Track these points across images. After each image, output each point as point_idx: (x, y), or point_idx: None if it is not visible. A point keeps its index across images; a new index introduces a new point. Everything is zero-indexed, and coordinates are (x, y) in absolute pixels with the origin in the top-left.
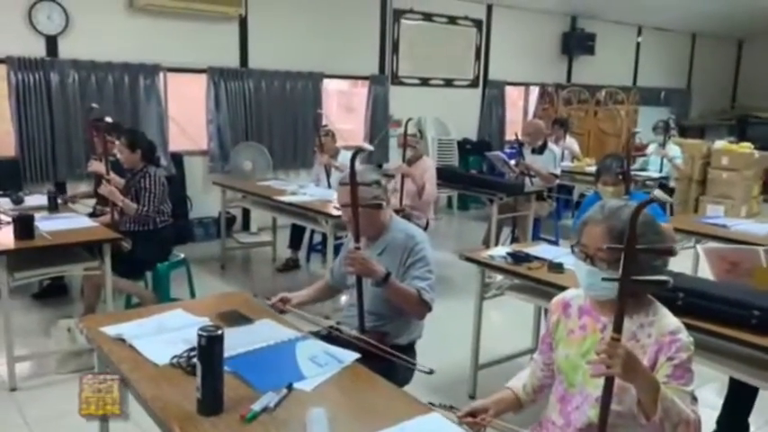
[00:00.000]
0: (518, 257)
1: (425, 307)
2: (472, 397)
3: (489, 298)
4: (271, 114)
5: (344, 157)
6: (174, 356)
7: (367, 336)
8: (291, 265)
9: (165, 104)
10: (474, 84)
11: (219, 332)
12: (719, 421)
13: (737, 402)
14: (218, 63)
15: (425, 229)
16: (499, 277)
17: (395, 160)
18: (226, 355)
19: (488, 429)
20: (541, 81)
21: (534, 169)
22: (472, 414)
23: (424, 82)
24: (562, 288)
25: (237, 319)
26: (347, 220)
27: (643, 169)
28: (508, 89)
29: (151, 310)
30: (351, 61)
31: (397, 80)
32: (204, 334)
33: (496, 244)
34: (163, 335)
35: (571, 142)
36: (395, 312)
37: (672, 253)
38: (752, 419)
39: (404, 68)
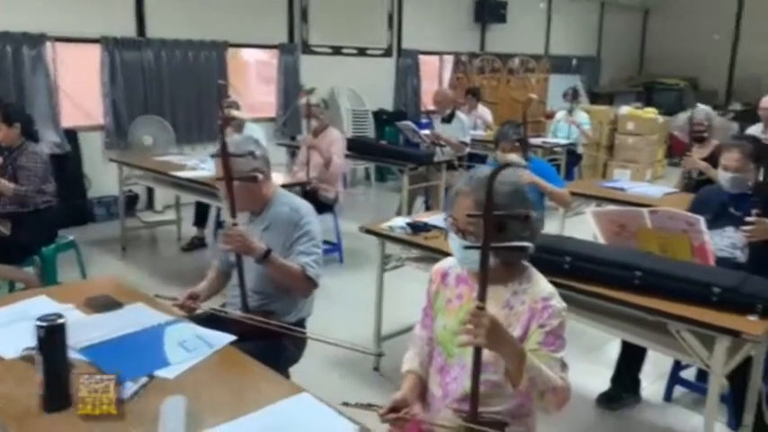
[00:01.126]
0: (416, 227)
1: (311, 283)
2: (376, 369)
3: (390, 270)
4: (172, 86)
5: (251, 131)
6: (26, 348)
7: (252, 316)
8: (197, 244)
9: (55, 77)
10: (388, 53)
11: (61, 321)
12: (613, 379)
13: (629, 360)
14: (112, 32)
15: (335, 202)
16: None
17: None
18: (86, 343)
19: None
20: (455, 50)
21: (444, 138)
22: (395, 410)
23: (337, 51)
24: None
25: (106, 304)
26: (224, 195)
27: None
28: (423, 58)
29: (13, 297)
30: (258, 29)
31: (308, 49)
32: (44, 324)
33: (409, 213)
34: (18, 324)
35: (483, 111)
36: (280, 290)
37: (527, 219)
38: (643, 375)
39: (314, 37)
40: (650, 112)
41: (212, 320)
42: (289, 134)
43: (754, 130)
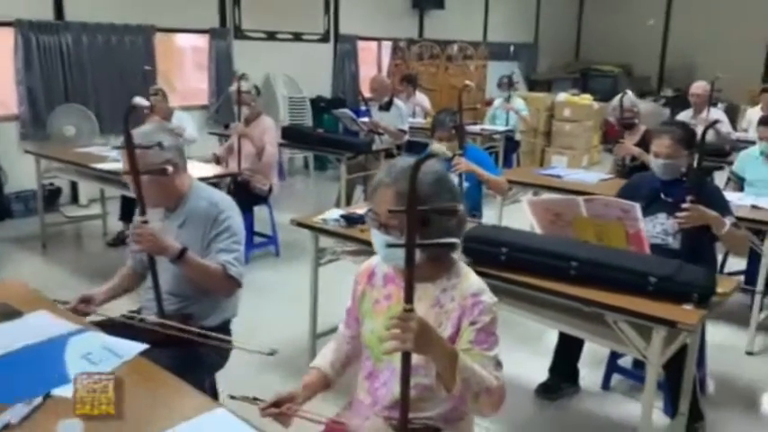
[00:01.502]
0: (351, 219)
1: (233, 283)
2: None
3: (325, 264)
4: (96, 73)
5: (179, 119)
6: None
7: (169, 321)
8: (123, 239)
9: None
10: (325, 38)
11: None
12: (552, 369)
13: (567, 350)
14: (27, 15)
15: (269, 193)
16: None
17: None
18: None
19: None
20: (394, 36)
21: (382, 126)
22: (276, 404)
23: (271, 36)
24: None
25: (4, 313)
26: (133, 190)
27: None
28: (361, 44)
29: None
30: (188, 13)
31: (240, 34)
32: None
33: (348, 204)
34: None
35: (422, 98)
36: (199, 291)
37: (455, 212)
38: (581, 363)
39: (248, 21)
40: (586, 99)
41: (126, 328)
42: (222, 122)
43: (684, 115)
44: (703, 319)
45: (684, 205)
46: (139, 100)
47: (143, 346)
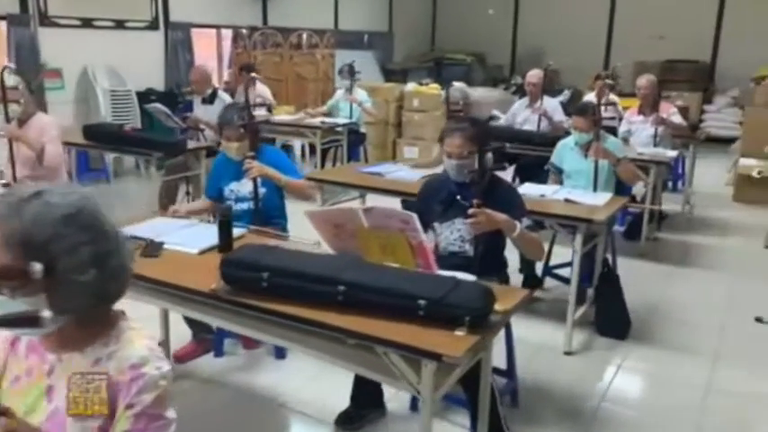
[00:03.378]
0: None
1: None
2: None
3: None
4: None
5: None
6: None
7: None
8: None
9: None
10: (153, 25)
11: None
12: (353, 396)
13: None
14: None
15: None
16: None
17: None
18: None
19: None
20: (235, 23)
21: (204, 122)
22: None
23: (87, 23)
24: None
25: None
26: None
27: (329, 115)
28: (201, 32)
29: None
30: None
31: (47, 20)
32: None
33: (165, 209)
34: None
35: (262, 89)
36: None
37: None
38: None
39: (56, 7)
40: (434, 89)
41: None
42: None
43: (520, 104)
44: (480, 346)
45: (471, 210)
46: None
47: None
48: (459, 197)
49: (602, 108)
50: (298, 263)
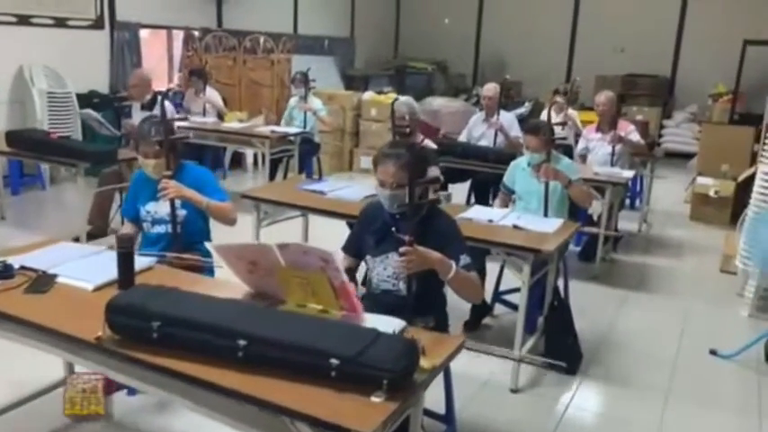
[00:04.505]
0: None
1: None
2: None
3: None
4: None
5: None
6: None
7: None
8: None
9: None
10: (98, 24)
11: None
12: None
13: None
14: None
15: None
16: None
17: None
18: None
19: None
20: (187, 25)
21: None
22: None
23: (24, 20)
24: None
25: None
26: None
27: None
28: (148, 33)
29: None
30: None
31: None
32: None
33: (95, 223)
34: None
35: (212, 94)
36: None
37: None
38: None
39: None
40: (392, 97)
41: None
42: None
43: (476, 118)
44: (397, 415)
45: (401, 249)
46: None
47: None
48: (394, 229)
49: (560, 126)
50: (193, 310)
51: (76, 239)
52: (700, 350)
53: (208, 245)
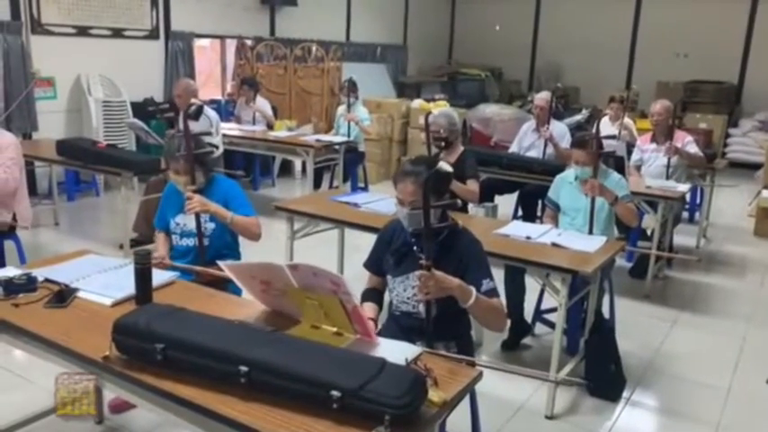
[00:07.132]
0: (12, 287)
1: None
2: None
3: None
4: None
5: None
6: None
7: None
8: None
9: None
10: (153, 35)
11: None
12: None
13: None
14: None
15: (13, 227)
16: None
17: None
18: None
19: None
20: (240, 34)
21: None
22: None
23: (83, 32)
24: None
25: None
26: None
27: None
28: (201, 42)
29: None
30: None
31: (40, 28)
32: None
33: (140, 231)
34: None
35: (263, 103)
36: None
37: None
38: None
39: (50, 14)
40: (442, 105)
41: None
42: (20, 131)
43: (526, 127)
44: None
45: (418, 273)
46: None
47: None
48: (415, 248)
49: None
50: (198, 333)
51: (120, 246)
52: (757, 380)
53: (221, 263)
